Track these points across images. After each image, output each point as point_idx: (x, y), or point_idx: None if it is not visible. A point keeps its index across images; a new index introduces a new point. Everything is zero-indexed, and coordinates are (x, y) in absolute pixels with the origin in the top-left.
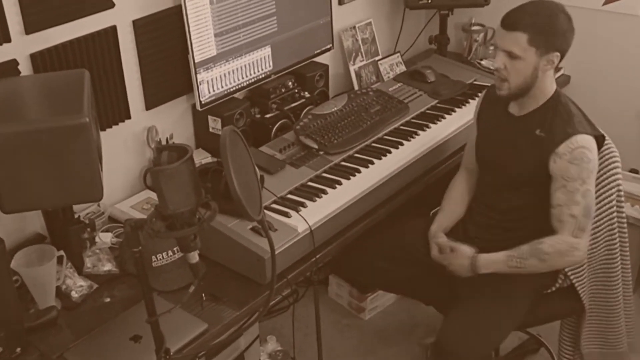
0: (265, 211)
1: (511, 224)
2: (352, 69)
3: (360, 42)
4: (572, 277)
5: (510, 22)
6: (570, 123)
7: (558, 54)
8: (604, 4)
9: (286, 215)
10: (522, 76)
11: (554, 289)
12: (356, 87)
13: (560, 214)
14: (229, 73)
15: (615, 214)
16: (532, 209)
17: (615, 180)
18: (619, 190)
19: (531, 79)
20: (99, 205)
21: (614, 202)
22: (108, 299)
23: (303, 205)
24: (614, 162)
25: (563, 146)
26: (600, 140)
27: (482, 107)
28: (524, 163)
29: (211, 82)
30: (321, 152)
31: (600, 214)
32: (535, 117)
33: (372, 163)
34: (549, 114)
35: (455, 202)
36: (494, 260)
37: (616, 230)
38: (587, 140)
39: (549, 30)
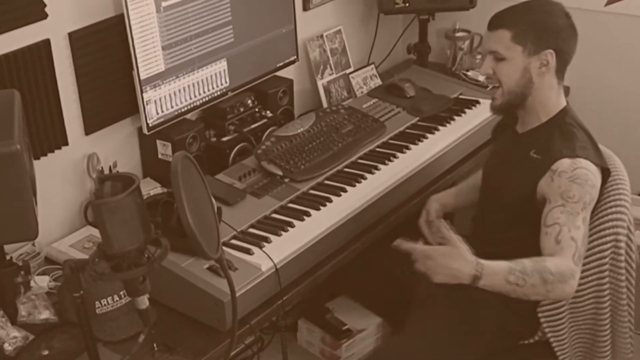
0: (224, 248)
1: (492, 258)
2: (320, 83)
3: (328, 52)
4: (547, 331)
5: (495, 20)
6: (569, 145)
7: (551, 51)
8: (607, 4)
9: (248, 252)
10: (512, 80)
11: (532, 340)
12: (325, 105)
13: (558, 233)
14: (179, 91)
15: (607, 267)
16: (522, 243)
17: (614, 226)
18: (617, 240)
19: (524, 83)
20: (33, 245)
21: (609, 252)
22: (46, 352)
23: (267, 240)
24: (616, 200)
25: (561, 163)
26: (605, 174)
27: (499, 120)
28: (516, 189)
29: (159, 102)
30: (286, 180)
31: (588, 261)
32: (535, 136)
33: (345, 191)
34: (548, 134)
35: (471, 187)
36: (496, 271)
37: (606, 286)
38: (590, 165)
39: (537, 27)
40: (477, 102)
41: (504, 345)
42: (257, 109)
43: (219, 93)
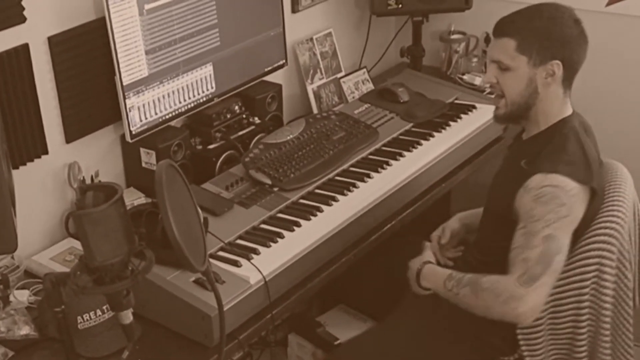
0: (211, 260)
1: (485, 267)
2: (309, 88)
3: (319, 56)
4: (523, 349)
5: (499, 27)
6: (553, 158)
7: (558, 62)
8: (607, 4)
9: (235, 264)
10: (517, 91)
11: (511, 358)
12: (315, 111)
13: (513, 257)
14: (163, 97)
15: (587, 297)
16: (506, 254)
17: (599, 256)
18: (602, 265)
19: (528, 94)
20: (12, 258)
21: (591, 275)
22: None
23: (255, 252)
24: (607, 224)
25: (533, 179)
26: (593, 194)
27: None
28: (502, 197)
29: (143, 109)
30: (275, 189)
31: (566, 288)
32: (530, 144)
33: (336, 200)
34: (541, 145)
35: None
36: (436, 275)
37: (585, 317)
38: (566, 183)
39: (543, 36)
40: (474, 107)
41: (483, 358)
42: (244, 115)
43: (204, 99)
